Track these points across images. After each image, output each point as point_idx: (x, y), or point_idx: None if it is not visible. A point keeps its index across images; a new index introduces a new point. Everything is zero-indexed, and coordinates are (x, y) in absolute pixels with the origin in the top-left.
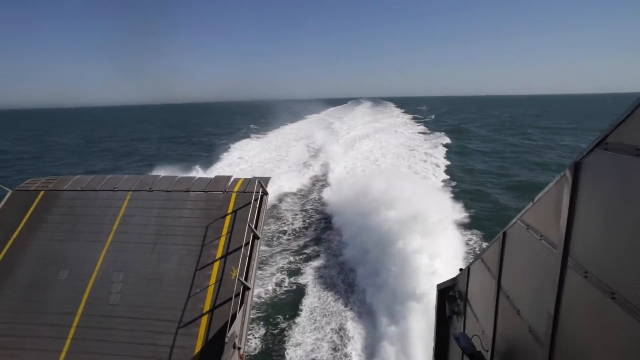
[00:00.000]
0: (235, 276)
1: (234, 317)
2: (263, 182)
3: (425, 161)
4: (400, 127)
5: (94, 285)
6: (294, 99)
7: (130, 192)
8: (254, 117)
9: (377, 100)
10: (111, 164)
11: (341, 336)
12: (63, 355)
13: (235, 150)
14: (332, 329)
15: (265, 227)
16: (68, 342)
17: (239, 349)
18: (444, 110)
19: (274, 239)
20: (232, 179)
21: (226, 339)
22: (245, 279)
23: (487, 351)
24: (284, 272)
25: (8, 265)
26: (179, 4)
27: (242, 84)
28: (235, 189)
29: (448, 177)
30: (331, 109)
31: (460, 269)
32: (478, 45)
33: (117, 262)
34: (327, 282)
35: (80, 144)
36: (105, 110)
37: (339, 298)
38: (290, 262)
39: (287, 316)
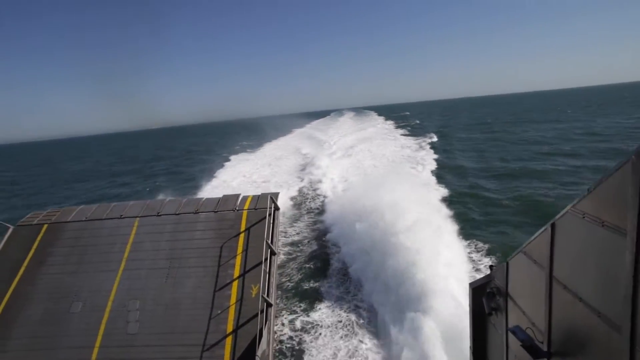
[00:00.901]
0: (256, 294)
1: (259, 334)
2: (273, 197)
3: (417, 164)
4: (386, 133)
5: (110, 316)
6: (278, 115)
7: (138, 219)
8: (241, 135)
9: (359, 110)
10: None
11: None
12: None
13: (227, 168)
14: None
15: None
16: None
17: None
18: (427, 115)
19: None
20: (240, 196)
21: (257, 358)
22: (267, 296)
23: (542, 342)
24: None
25: (18, 302)
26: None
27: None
28: (246, 207)
29: (436, 177)
30: (315, 122)
31: (491, 266)
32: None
33: (131, 290)
34: (334, 296)
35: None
36: (87, 140)
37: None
38: (291, 278)
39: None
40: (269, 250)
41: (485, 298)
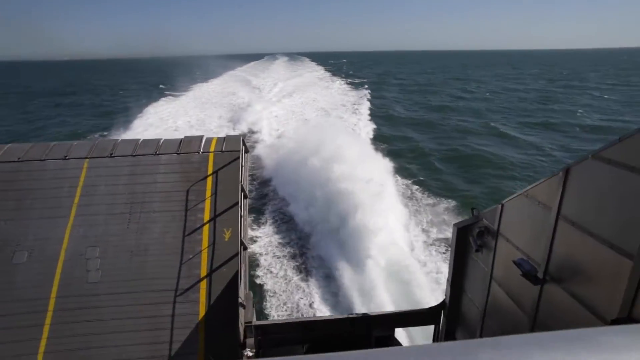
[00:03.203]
0: (230, 237)
1: (239, 277)
2: (237, 141)
3: (354, 112)
4: (322, 81)
5: (65, 265)
6: (206, 56)
7: (87, 160)
8: (163, 76)
9: (293, 56)
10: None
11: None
12: (44, 342)
13: (151, 112)
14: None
15: None
16: (46, 327)
17: (244, 307)
18: (363, 65)
19: None
20: (204, 138)
21: (241, 299)
22: (242, 239)
23: (537, 272)
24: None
25: None
26: None
27: (143, 38)
28: (212, 149)
29: (373, 126)
30: (246, 66)
31: (473, 209)
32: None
33: (88, 237)
34: (282, 245)
35: None
36: None
37: (296, 261)
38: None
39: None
40: (242, 194)
41: (477, 236)
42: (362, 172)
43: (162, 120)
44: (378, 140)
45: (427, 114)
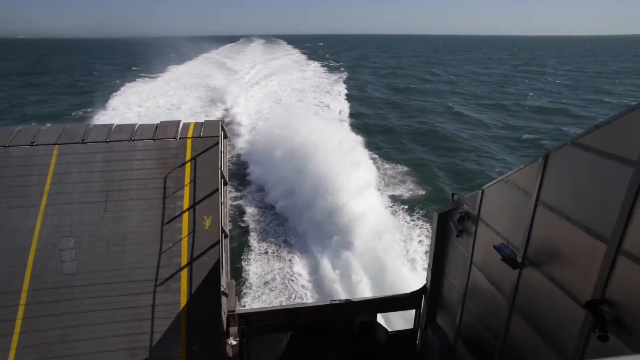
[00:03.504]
0: (210, 225)
1: (221, 265)
2: (216, 126)
3: (328, 92)
4: (298, 65)
5: (37, 256)
6: (178, 37)
7: (56, 146)
8: (134, 57)
9: (269, 38)
10: None
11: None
12: (16, 337)
13: (122, 96)
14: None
15: None
16: (18, 322)
17: (227, 295)
18: (340, 49)
19: None
20: (181, 123)
21: (223, 288)
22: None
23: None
24: None
25: None
26: None
27: (108, 17)
28: (189, 135)
29: (348, 108)
30: (222, 48)
31: (453, 194)
32: None
33: (61, 227)
34: (263, 231)
35: None
36: None
37: (276, 241)
38: None
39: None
40: (222, 180)
41: (458, 221)
42: (336, 150)
43: (139, 101)
44: (352, 117)
45: (393, 95)
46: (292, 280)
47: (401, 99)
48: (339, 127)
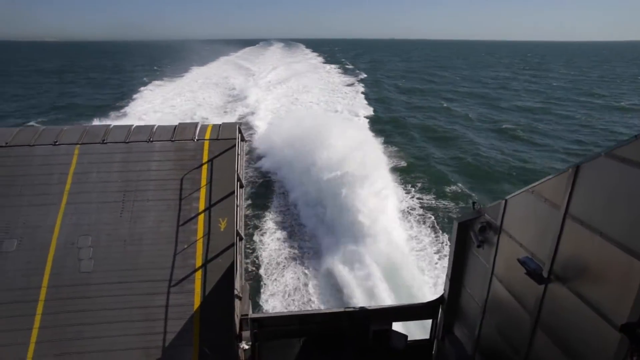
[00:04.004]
0: (225, 227)
1: (234, 268)
2: (233, 128)
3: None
4: (317, 68)
5: (57, 254)
6: (200, 40)
7: (78, 146)
8: (155, 59)
9: (288, 42)
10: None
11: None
12: (35, 331)
13: (143, 97)
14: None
15: None
16: (38, 317)
17: (240, 298)
18: (356, 53)
19: None
20: (199, 125)
21: (237, 291)
22: (237, 229)
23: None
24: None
25: None
26: None
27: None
28: (207, 137)
29: (371, 110)
30: (241, 52)
31: (474, 203)
32: None
33: (80, 225)
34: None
35: None
36: None
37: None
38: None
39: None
40: (238, 183)
41: (479, 231)
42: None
43: (160, 102)
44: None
45: (396, 95)
46: (306, 285)
47: (404, 98)
48: (356, 125)
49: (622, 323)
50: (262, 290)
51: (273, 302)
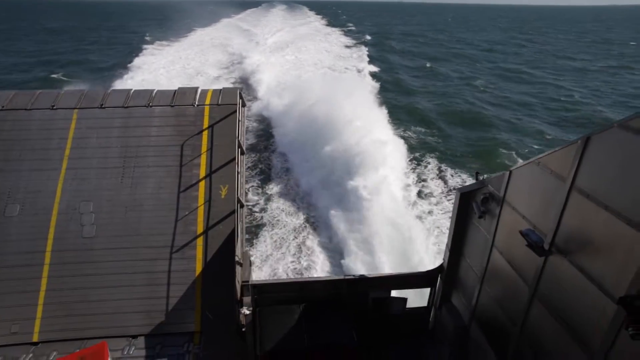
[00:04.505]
0: (226, 194)
1: (236, 235)
2: (234, 94)
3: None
4: (321, 31)
5: (59, 219)
6: (199, 0)
7: (76, 110)
8: (155, 21)
9: (291, 4)
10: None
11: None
12: (42, 293)
13: (141, 59)
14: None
15: None
16: (44, 280)
17: (241, 265)
18: (361, 15)
19: None
20: (199, 90)
21: (237, 258)
22: (238, 196)
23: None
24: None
25: None
26: None
27: None
28: (207, 102)
29: (376, 69)
30: (243, 13)
31: (477, 173)
32: None
33: (80, 191)
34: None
35: None
36: None
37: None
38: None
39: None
40: (239, 150)
41: (481, 202)
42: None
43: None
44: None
45: (390, 55)
46: (309, 254)
47: (396, 58)
48: (358, 88)
49: (620, 296)
50: (262, 257)
51: (273, 268)
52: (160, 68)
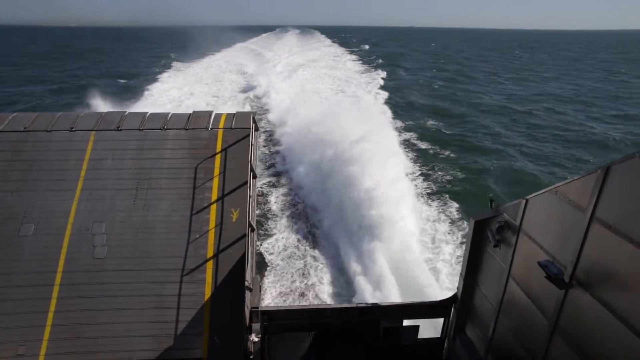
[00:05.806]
0: (237, 218)
1: (246, 259)
2: (248, 118)
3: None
4: (334, 56)
5: (72, 239)
6: (215, 26)
7: (93, 132)
8: (172, 45)
9: (304, 29)
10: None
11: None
12: (51, 315)
13: (160, 83)
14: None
15: None
16: (53, 301)
17: (251, 290)
18: (373, 41)
19: None
20: (213, 114)
21: (247, 283)
22: (249, 220)
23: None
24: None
25: None
26: None
27: (153, 5)
28: (221, 125)
29: (386, 94)
30: (255, 38)
31: (492, 201)
32: None
33: (94, 212)
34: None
35: None
36: None
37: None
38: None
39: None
40: (252, 174)
41: (496, 231)
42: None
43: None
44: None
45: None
46: (318, 281)
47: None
48: (371, 113)
49: None
50: (272, 282)
51: (282, 295)
52: (178, 88)
